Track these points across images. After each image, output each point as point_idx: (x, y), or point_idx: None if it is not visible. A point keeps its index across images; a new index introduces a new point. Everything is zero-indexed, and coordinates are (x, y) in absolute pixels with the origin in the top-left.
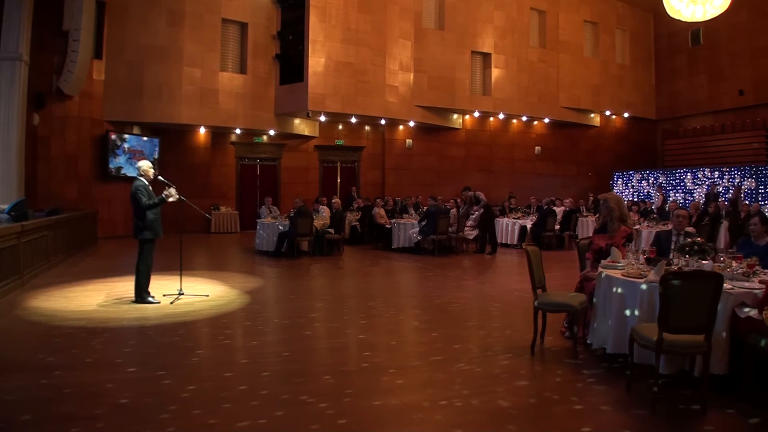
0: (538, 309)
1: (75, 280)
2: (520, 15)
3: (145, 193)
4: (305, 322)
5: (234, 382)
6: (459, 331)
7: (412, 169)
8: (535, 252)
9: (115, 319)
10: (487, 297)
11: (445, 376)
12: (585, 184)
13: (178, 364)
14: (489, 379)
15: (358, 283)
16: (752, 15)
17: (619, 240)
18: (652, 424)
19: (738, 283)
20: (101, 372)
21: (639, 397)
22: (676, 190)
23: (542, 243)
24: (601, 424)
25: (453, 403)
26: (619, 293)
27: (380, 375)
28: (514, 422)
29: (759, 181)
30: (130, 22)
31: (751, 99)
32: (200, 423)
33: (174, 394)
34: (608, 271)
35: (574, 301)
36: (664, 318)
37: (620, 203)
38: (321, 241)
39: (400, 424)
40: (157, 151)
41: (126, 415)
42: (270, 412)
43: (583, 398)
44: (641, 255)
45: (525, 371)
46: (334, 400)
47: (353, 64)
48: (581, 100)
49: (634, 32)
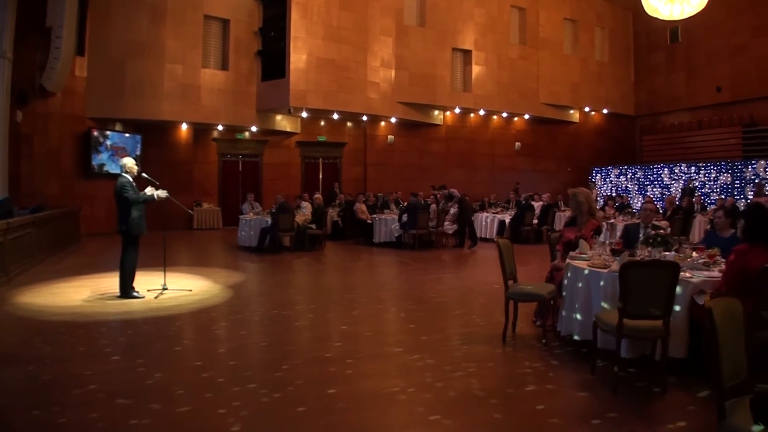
0: (509, 299)
1: (60, 277)
2: (501, 12)
3: (131, 189)
4: (287, 315)
5: (215, 372)
6: (436, 322)
7: (394, 165)
8: (506, 244)
9: (102, 314)
10: (464, 289)
11: (421, 363)
12: (564, 180)
13: (163, 355)
14: (462, 365)
15: (339, 277)
16: (729, 14)
17: (587, 232)
18: (613, 403)
19: (698, 272)
20: (90, 363)
21: (602, 380)
22: (654, 185)
23: (521, 237)
24: (566, 404)
25: (427, 387)
26: (585, 283)
27: (360, 362)
28: (484, 403)
29: (734, 176)
30: (113, 19)
31: (728, 96)
32: (182, 410)
33: (158, 383)
34: (575, 261)
35: (543, 290)
36: (623, 304)
37: (589, 198)
38: (302, 237)
39: (378, 406)
40: (139, 147)
41: (113, 404)
42: (251, 398)
43: (549, 381)
44: (607, 247)
45: (496, 357)
46: (315, 385)
47: (335, 61)
48: (561, 96)
49: (613, 30)
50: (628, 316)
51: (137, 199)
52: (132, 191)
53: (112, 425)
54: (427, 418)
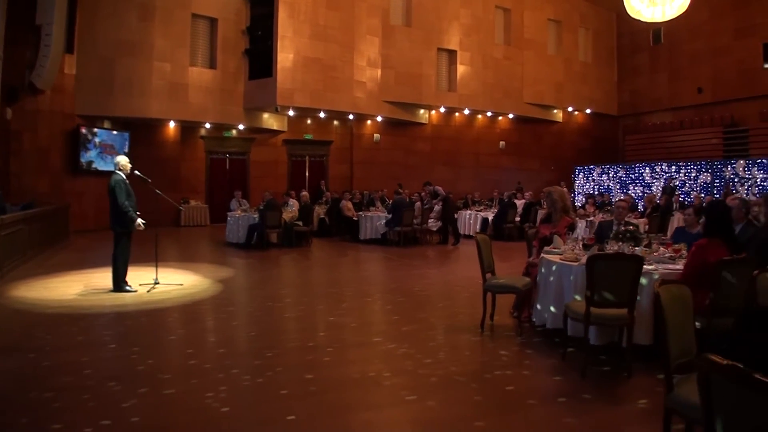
0: (486, 291)
1: (52, 272)
2: (486, 13)
3: (123, 189)
4: (275, 307)
5: (203, 359)
6: (418, 313)
7: (380, 163)
8: (484, 240)
9: (97, 307)
10: (446, 283)
11: (403, 350)
12: (548, 178)
13: (156, 343)
14: (441, 352)
15: (326, 273)
16: (711, 16)
17: (561, 229)
18: (581, 385)
19: (663, 265)
20: (87, 351)
21: (572, 365)
22: (635, 184)
23: (503, 234)
24: (537, 386)
25: (407, 372)
26: (557, 275)
27: (344, 350)
28: (460, 386)
29: (714, 175)
30: (102, 17)
31: (709, 97)
32: (168, 392)
33: (149, 369)
34: (548, 256)
35: (519, 283)
36: (591, 294)
37: (563, 196)
38: (290, 234)
39: (360, 389)
40: (127, 145)
41: (105, 387)
42: (235, 382)
43: (522, 366)
44: (580, 242)
45: (474, 345)
46: (301, 370)
47: (322, 60)
48: (545, 96)
49: (596, 31)
50: (595, 304)
51: (124, 205)
52: (124, 192)
53: (102, 406)
54: (407, 398)
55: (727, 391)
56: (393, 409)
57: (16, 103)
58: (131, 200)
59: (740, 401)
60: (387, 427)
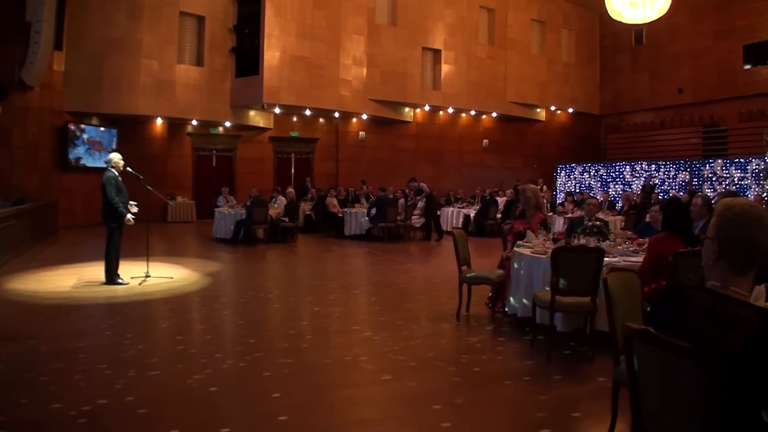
0: (462, 282)
1: (45, 266)
2: (470, 13)
3: (113, 185)
4: (262, 298)
5: (189, 345)
6: (399, 304)
7: (365, 161)
8: (460, 234)
9: (91, 298)
10: (427, 277)
11: (383, 337)
12: (531, 176)
13: (148, 331)
14: (419, 339)
15: (311, 267)
16: (692, 18)
17: (534, 225)
18: (547, 367)
19: (626, 258)
20: (83, 338)
21: (541, 349)
22: (616, 182)
23: (485, 230)
24: (506, 368)
25: (386, 356)
26: (528, 267)
27: (327, 336)
28: (437, 368)
29: (693, 174)
30: (90, 15)
31: (690, 97)
32: (153, 373)
33: (138, 353)
34: (520, 249)
35: (492, 275)
36: (555, 283)
37: (536, 193)
38: (276, 229)
39: (340, 371)
40: (115, 141)
41: (96, 369)
42: (221, 365)
43: (494, 350)
44: (550, 236)
45: (449, 332)
46: (285, 355)
47: (308, 58)
48: (528, 95)
49: (579, 31)
50: (560, 293)
51: (114, 200)
52: (114, 188)
53: (91, 386)
54: (386, 378)
55: (643, 352)
56: (372, 387)
57: (6, 100)
58: (122, 196)
59: (652, 360)
60: (367, 402)
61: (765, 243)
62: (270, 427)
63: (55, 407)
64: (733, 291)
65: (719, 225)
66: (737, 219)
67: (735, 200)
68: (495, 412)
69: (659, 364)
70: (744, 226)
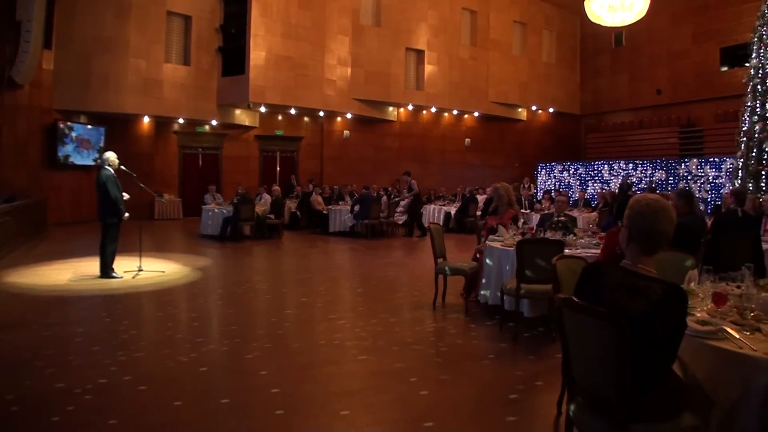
0: (438, 273)
1: (40, 262)
2: (453, 14)
3: (114, 183)
4: (250, 289)
5: (177, 331)
6: (380, 295)
7: (349, 159)
8: (437, 229)
9: (89, 290)
10: (407, 270)
11: (363, 324)
12: (512, 175)
13: (141, 320)
14: (397, 325)
15: (297, 261)
16: (670, 22)
17: (506, 220)
18: (513, 349)
19: (587, 250)
20: (83, 324)
21: (507, 333)
22: (594, 180)
23: (465, 227)
24: (477, 349)
25: (366, 340)
26: (498, 259)
27: (312, 322)
28: (412, 350)
29: (669, 173)
30: (79, 14)
31: (668, 98)
32: (137, 355)
33: (131, 338)
34: (492, 243)
35: (466, 266)
36: (520, 272)
37: (508, 191)
38: (262, 226)
39: (323, 351)
40: (103, 139)
41: (89, 350)
42: (213, 349)
43: (466, 335)
44: (520, 231)
45: (426, 319)
46: (271, 339)
47: (293, 58)
48: (509, 95)
49: (560, 33)
50: (524, 281)
51: (117, 196)
52: (115, 186)
53: (81, 364)
54: (367, 358)
55: (569, 316)
56: (353, 364)
57: None
58: (120, 193)
59: (576, 322)
60: (348, 377)
61: (664, 230)
62: (264, 396)
63: (60, 386)
64: (641, 268)
65: (629, 216)
66: (642, 211)
67: (644, 196)
68: (467, 383)
69: (581, 326)
70: (647, 217)
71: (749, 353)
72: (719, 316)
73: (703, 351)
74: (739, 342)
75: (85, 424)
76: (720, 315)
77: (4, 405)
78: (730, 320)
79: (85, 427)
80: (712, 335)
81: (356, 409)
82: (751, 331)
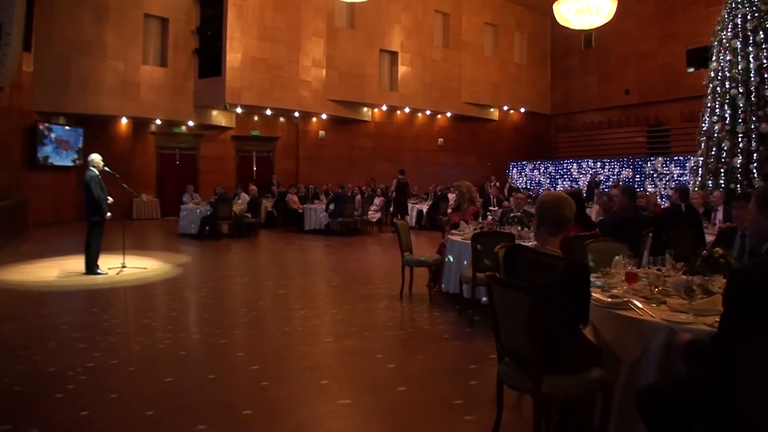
0: (404, 265)
1: (25, 260)
2: (426, 16)
3: (98, 183)
4: (230, 283)
5: (156, 321)
6: (350, 287)
7: (325, 159)
8: (403, 225)
9: (75, 286)
10: (378, 264)
11: (334, 312)
12: (484, 173)
13: (127, 311)
14: (368, 312)
15: (274, 258)
16: (638, 24)
17: (468, 216)
18: (469, 333)
19: None
20: (72, 316)
21: (466, 319)
22: (564, 178)
23: (436, 224)
24: (437, 331)
25: (336, 325)
26: (457, 251)
27: (287, 311)
28: (379, 333)
29: (635, 171)
30: (58, 17)
31: (636, 98)
32: (112, 340)
33: (111, 326)
34: (453, 236)
35: (430, 259)
36: (475, 262)
37: (470, 189)
38: (240, 225)
39: (296, 336)
40: (81, 140)
41: (70, 337)
42: (190, 338)
43: (429, 320)
44: (479, 225)
45: (392, 307)
46: (248, 326)
47: (269, 60)
48: (481, 95)
49: (531, 34)
50: (480, 270)
51: (99, 196)
52: (98, 186)
53: (62, 350)
54: (339, 341)
55: (495, 289)
56: (323, 345)
57: None
58: (103, 193)
59: (500, 294)
60: (319, 355)
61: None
62: (246, 371)
63: (51, 370)
64: (548, 248)
65: (538, 207)
66: (547, 201)
67: (549, 191)
68: (431, 358)
69: (504, 298)
70: (552, 206)
71: (648, 319)
72: (632, 292)
73: (612, 319)
74: (641, 311)
75: (88, 397)
76: (633, 291)
77: (5, 386)
78: (642, 295)
79: (91, 398)
80: (619, 306)
81: (332, 380)
82: (658, 304)
